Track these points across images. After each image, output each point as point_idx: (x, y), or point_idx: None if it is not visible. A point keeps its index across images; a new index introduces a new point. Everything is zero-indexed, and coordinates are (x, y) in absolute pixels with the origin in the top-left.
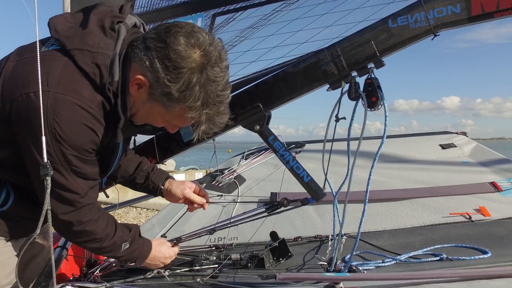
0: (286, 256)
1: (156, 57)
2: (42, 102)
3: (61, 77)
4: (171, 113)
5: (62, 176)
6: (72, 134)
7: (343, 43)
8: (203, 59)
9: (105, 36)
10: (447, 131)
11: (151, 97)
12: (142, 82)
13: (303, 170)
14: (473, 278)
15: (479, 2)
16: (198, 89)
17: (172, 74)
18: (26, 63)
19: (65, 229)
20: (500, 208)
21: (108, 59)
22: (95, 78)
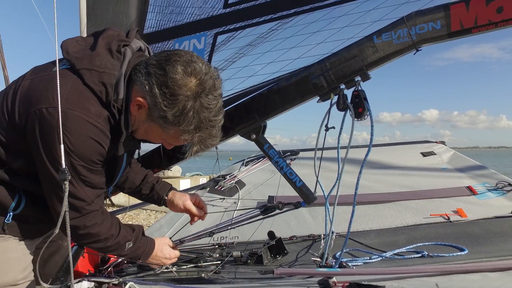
0: (283, 253)
1: (155, 83)
2: (53, 117)
3: (70, 93)
4: (167, 134)
5: (71, 185)
6: (80, 147)
7: (332, 58)
8: (198, 88)
9: (111, 58)
10: (427, 141)
11: (149, 118)
12: (142, 104)
13: (295, 176)
14: (451, 273)
15: (458, 18)
16: (192, 115)
17: (168, 100)
18: (40, 81)
19: (72, 233)
20: (476, 210)
21: (114, 78)
22: (101, 95)
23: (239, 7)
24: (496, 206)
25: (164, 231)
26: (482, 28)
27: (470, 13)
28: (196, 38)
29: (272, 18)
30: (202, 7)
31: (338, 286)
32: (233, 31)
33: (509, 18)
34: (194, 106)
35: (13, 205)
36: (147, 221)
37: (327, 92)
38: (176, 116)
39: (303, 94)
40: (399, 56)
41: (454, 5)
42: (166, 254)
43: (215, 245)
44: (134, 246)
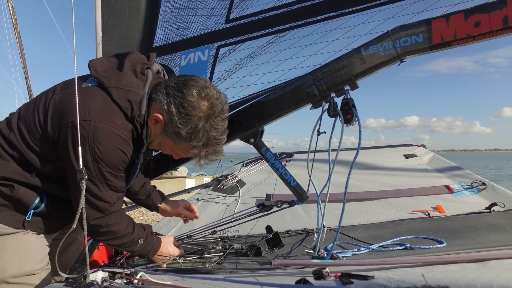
0: (279, 245)
1: (173, 103)
2: (84, 129)
3: (100, 108)
4: (178, 147)
5: (98, 188)
6: (108, 155)
7: (323, 69)
8: (209, 111)
9: (136, 78)
10: (409, 144)
11: (164, 132)
12: (159, 120)
13: (290, 176)
14: (432, 264)
15: (439, 32)
16: (202, 133)
17: (183, 119)
18: (71, 96)
19: (93, 230)
20: (453, 206)
21: (138, 96)
22: (127, 111)
23: (240, 23)
24: (471, 203)
25: (172, 226)
26: (461, 41)
27: (450, 27)
28: (201, 51)
29: (269, 32)
30: (206, 22)
31: (331, 276)
32: (234, 44)
33: (485, 32)
34: (204, 126)
35: (34, 204)
36: (156, 216)
37: (318, 100)
38: (189, 133)
39: (297, 102)
40: (385, 67)
41: (435, 20)
42: (170, 251)
43: (218, 238)
44: (145, 243)
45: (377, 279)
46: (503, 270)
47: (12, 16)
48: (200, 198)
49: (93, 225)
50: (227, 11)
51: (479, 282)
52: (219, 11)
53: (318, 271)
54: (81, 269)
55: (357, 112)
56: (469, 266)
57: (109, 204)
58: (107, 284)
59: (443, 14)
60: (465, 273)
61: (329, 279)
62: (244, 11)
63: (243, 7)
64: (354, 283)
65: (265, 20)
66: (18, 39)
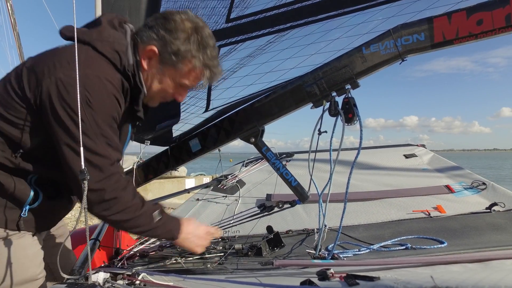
0: (280, 246)
1: (160, 28)
2: (71, 78)
3: (87, 59)
4: (181, 73)
5: (93, 142)
6: (100, 101)
7: (324, 68)
8: (195, 25)
9: (116, 31)
10: (409, 144)
11: (161, 64)
12: (152, 51)
13: (291, 176)
14: (434, 264)
15: (441, 30)
16: (198, 43)
17: (175, 34)
18: (48, 54)
19: (98, 199)
20: (453, 206)
21: (124, 46)
22: (116, 62)
23: (240, 22)
24: (472, 203)
25: None
26: (463, 39)
27: (452, 25)
28: None
29: (270, 31)
30: (207, 22)
31: (335, 277)
32: (235, 44)
33: (488, 30)
34: (196, 37)
35: (30, 198)
36: None
37: (319, 99)
38: (185, 45)
39: (298, 101)
40: (386, 66)
41: (437, 18)
42: (201, 230)
43: (219, 239)
44: (163, 219)
45: (383, 280)
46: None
47: (11, 15)
48: (200, 198)
49: (96, 190)
50: (227, 10)
51: (486, 283)
52: (219, 10)
53: (322, 272)
54: (83, 270)
55: (359, 111)
56: (471, 266)
57: (109, 160)
58: (109, 285)
59: (445, 12)
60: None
61: (334, 280)
62: (245, 11)
63: (243, 7)
64: (360, 284)
65: (265, 20)
66: (17, 39)
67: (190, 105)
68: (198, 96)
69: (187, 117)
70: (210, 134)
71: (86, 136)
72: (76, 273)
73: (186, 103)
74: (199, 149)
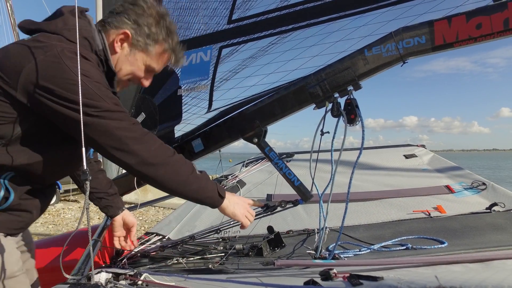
0: (280, 246)
1: (131, 13)
2: (56, 56)
3: (61, 45)
4: (151, 56)
5: (105, 102)
6: (92, 71)
7: (327, 70)
8: (161, 12)
9: (80, 19)
10: (409, 144)
11: (133, 47)
12: (125, 34)
13: (294, 176)
14: (435, 264)
15: (441, 34)
16: (164, 26)
17: (145, 19)
18: (20, 44)
19: (140, 152)
20: (453, 207)
21: (91, 33)
22: (87, 48)
23: (242, 23)
24: (472, 203)
25: (172, 226)
26: (463, 42)
27: (452, 29)
28: (203, 51)
29: (272, 33)
30: (208, 23)
31: (338, 277)
32: (237, 45)
33: (487, 34)
34: (164, 21)
35: (1, 195)
36: (155, 217)
37: (322, 100)
38: (155, 29)
39: (301, 102)
40: (388, 68)
41: (437, 22)
42: (242, 200)
43: (219, 239)
44: (203, 176)
45: (386, 280)
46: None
47: (11, 16)
48: None
49: (132, 142)
50: (229, 11)
51: (489, 283)
52: (221, 11)
53: (325, 272)
54: (84, 270)
55: (361, 112)
56: (472, 266)
57: (124, 112)
58: (111, 286)
59: (445, 16)
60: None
61: (337, 280)
62: (247, 12)
63: (245, 8)
64: (363, 284)
65: (267, 21)
66: (17, 39)
67: (192, 106)
68: (200, 96)
69: (189, 117)
70: (213, 135)
71: (97, 102)
72: (78, 274)
73: (188, 103)
74: (202, 149)
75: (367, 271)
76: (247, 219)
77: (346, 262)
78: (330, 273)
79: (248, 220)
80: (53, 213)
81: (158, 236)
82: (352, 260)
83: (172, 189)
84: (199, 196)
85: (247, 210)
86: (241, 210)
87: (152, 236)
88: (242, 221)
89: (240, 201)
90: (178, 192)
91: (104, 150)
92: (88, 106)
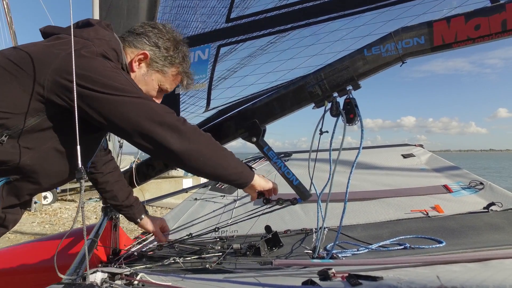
0: (278, 245)
1: (152, 36)
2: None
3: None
4: (166, 77)
5: (140, 90)
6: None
7: (326, 69)
8: (178, 38)
9: (108, 32)
10: (407, 144)
11: (150, 68)
12: (144, 56)
13: (292, 175)
14: (433, 264)
15: (440, 34)
16: (181, 51)
17: (167, 43)
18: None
19: (182, 136)
20: (451, 206)
21: (119, 45)
22: (114, 60)
23: (240, 22)
24: (470, 203)
25: (170, 225)
26: (461, 43)
27: (451, 29)
28: (201, 50)
29: (270, 32)
30: (206, 21)
31: (337, 276)
32: (235, 44)
33: (485, 35)
34: (182, 48)
35: None
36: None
37: (321, 100)
38: (174, 53)
39: (300, 101)
40: (387, 68)
41: (436, 22)
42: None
43: (217, 238)
44: (233, 155)
45: (386, 280)
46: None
47: (7, 14)
48: (198, 197)
49: (171, 130)
50: (227, 10)
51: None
52: (219, 10)
53: (323, 272)
54: (80, 270)
55: (360, 111)
56: (470, 266)
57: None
58: (107, 286)
59: (444, 17)
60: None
61: (335, 280)
62: (245, 11)
63: (244, 7)
64: (362, 284)
65: (266, 20)
66: (13, 37)
67: (190, 105)
68: (198, 95)
69: (187, 116)
70: (211, 134)
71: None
72: (73, 274)
73: (185, 102)
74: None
75: (366, 270)
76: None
77: (344, 261)
78: (328, 273)
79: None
80: (50, 212)
81: None
82: (351, 260)
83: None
84: (236, 171)
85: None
86: (267, 183)
87: (149, 235)
88: (273, 187)
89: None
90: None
91: (142, 127)
92: (125, 91)
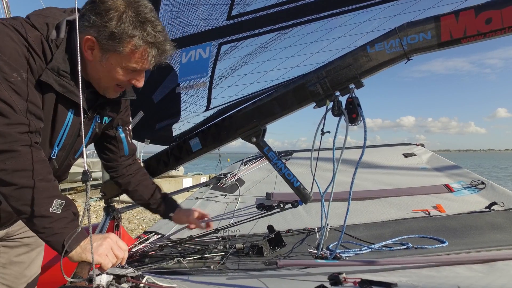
0: (281, 245)
1: (90, 13)
2: None
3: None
4: (125, 56)
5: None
6: (4, 46)
7: (328, 67)
8: (127, 1)
9: (63, 13)
10: (408, 143)
11: (103, 51)
12: (90, 41)
13: (293, 177)
14: (438, 265)
15: (448, 29)
16: (130, 18)
17: (105, 17)
18: None
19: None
20: (453, 206)
21: (57, 21)
22: (42, 32)
23: (241, 19)
24: (471, 202)
25: (171, 225)
26: (471, 38)
27: (460, 24)
28: (202, 48)
29: (272, 29)
30: (207, 19)
31: (348, 281)
32: (236, 41)
33: (497, 29)
34: (128, 13)
35: None
36: (154, 216)
37: (323, 99)
38: (119, 26)
39: (301, 101)
40: (391, 65)
41: (444, 17)
42: (118, 243)
43: (219, 238)
44: (64, 213)
45: (400, 287)
46: None
47: (7, 13)
48: (200, 197)
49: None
50: (228, 7)
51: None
52: (220, 7)
53: (334, 277)
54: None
55: (363, 111)
56: (476, 267)
57: (13, 111)
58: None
59: (453, 11)
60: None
61: (347, 285)
62: (246, 8)
63: (245, 4)
64: None
65: (267, 17)
66: None
67: (191, 104)
68: (199, 94)
69: (187, 116)
70: (211, 133)
71: None
72: (78, 277)
73: (186, 101)
74: (200, 148)
75: (371, 271)
76: (109, 258)
77: (348, 262)
78: (339, 278)
79: (109, 260)
80: None
81: (157, 235)
82: (355, 261)
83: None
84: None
85: (111, 248)
86: (102, 250)
87: (151, 235)
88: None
89: (105, 242)
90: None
91: None
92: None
